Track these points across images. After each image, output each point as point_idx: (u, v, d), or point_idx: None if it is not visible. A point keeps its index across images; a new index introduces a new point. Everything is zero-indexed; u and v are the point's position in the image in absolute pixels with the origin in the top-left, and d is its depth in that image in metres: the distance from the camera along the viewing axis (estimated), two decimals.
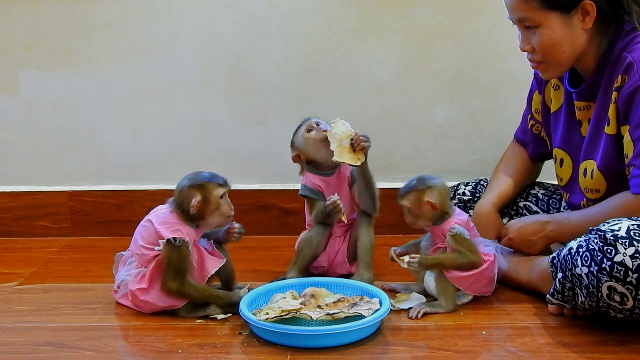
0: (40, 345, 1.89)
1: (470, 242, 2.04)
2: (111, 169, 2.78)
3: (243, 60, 2.71)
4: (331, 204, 2.16)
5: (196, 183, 2.02)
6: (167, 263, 1.98)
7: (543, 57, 1.99)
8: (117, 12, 2.68)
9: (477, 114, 2.73)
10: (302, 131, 2.23)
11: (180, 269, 1.98)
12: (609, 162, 1.97)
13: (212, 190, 2.02)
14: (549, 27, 1.93)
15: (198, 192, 2.01)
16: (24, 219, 2.78)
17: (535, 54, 1.99)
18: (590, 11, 1.92)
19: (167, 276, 1.99)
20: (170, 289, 1.99)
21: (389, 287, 2.18)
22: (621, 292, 1.74)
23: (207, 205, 2.01)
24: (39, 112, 2.74)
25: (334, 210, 2.17)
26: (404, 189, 2.09)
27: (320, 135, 2.19)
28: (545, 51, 1.97)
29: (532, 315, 2.01)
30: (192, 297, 2.01)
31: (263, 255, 2.52)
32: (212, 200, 2.01)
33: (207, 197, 2.01)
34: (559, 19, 1.93)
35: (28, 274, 2.39)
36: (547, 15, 1.92)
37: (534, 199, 2.35)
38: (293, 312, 1.91)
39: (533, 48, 1.98)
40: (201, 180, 2.02)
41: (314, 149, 2.22)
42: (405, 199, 2.08)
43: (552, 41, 1.94)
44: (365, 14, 2.67)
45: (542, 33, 1.94)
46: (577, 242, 1.84)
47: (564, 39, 1.94)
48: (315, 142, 2.21)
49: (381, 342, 1.88)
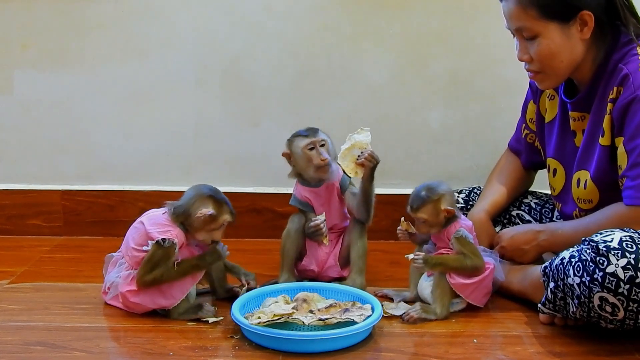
0: (31, 345, 1.88)
1: (474, 246, 2.05)
2: (105, 169, 2.77)
3: (238, 62, 2.71)
4: (313, 226, 2.19)
5: (217, 198, 2.04)
6: (147, 259, 1.99)
7: (541, 67, 1.99)
8: (113, 13, 2.67)
9: (472, 119, 2.73)
10: (304, 143, 2.19)
11: (158, 266, 1.99)
12: (603, 173, 1.98)
13: (223, 214, 2.03)
14: (548, 36, 1.94)
15: (214, 207, 2.02)
16: (17, 217, 2.77)
17: (533, 63, 1.99)
18: (589, 21, 1.92)
19: (143, 271, 2.00)
20: (145, 282, 2.00)
21: (382, 293, 2.18)
22: (612, 302, 1.74)
23: (212, 222, 2.02)
24: (33, 111, 2.74)
25: (315, 232, 2.19)
26: (417, 202, 2.06)
27: (316, 160, 2.18)
28: (544, 61, 1.97)
29: (524, 324, 2.01)
30: (170, 277, 2.00)
31: (255, 258, 2.51)
32: (218, 220, 2.03)
33: (218, 215, 2.02)
34: (557, 29, 1.93)
35: (19, 273, 2.38)
36: (545, 25, 1.93)
37: (527, 208, 2.36)
38: (285, 317, 1.91)
39: (531, 58, 1.98)
40: (222, 199, 2.04)
41: (305, 166, 2.21)
42: (421, 212, 2.05)
43: (551, 51, 1.95)
44: (361, 18, 2.68)
45: (541, 43, 1.94)
46: (570, 252, 1.84)
47: (562, 49, 1.95)
48: (309, 163, 2.19)
49: (373, 348, 1.88)
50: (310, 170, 2.20)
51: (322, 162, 2.17)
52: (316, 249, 2.26)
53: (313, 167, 2.19)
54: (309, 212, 2.25)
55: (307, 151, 2.19)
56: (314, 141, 2.19)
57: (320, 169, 2.18)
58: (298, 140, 2.21)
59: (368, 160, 2.13)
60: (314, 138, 2.19)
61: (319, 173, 2.19)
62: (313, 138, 2.19)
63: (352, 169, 2.15)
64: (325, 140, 2.20)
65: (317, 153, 2.18)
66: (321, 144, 2.19)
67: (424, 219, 2.06)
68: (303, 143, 2.19)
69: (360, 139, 2.15)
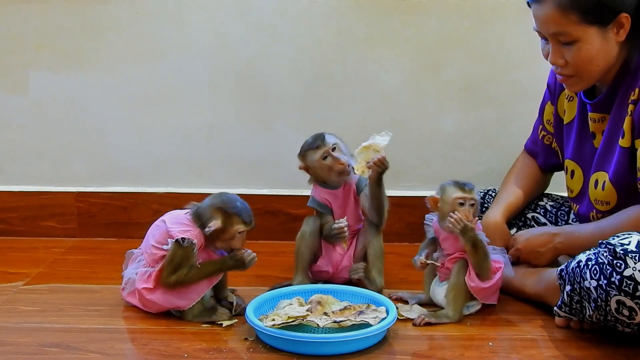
0: (45, 346, 1.89)
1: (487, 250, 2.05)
2: (118, 170, 2.78)
3: (252, 66, 2.71)
4: (338, 229, 2.19)
5: (226, 209, 2.02)
6: (169, 260, 2.00)
7: (575, 72, 1.96)
8: (128, 15, 2.68)
9: (486, 124, 2.72)
10: (318, 156, 2.19)
11: (180, 268, 1.99)
12: (621, 175, 1.97)
13: (235, 224, 2.02)
14: (588, 41, 1.90)
15: (222, 218, 2.01)
16: (31, 218, 2.77)
17: (567, 67, 1.96)
18: (625, 24, 1.90)
19: (166, 272, 2.00)
20: (169, 283, 2.00)
21: (396, 296, 2.17)
22: (630, 306, 1.73)
23: (223, 233, 2.02)
24: (47, 112, 2.74)
25: (338, 235, 2.20)
26: (470, 185, 2.08)
27: (336, 167, 2.18)
28: (581, 66, 1.94)
29: (539, 328, 2.00)
30: (192, 280, 2.00)
31: (269, 260, 2.50)
32: (229, 231, 2.02)
33: (228, 227, 2.02)
34: (597, 33, 1.90)
35: (34, 274, 2.39)
36: (585, 29, 1.89)
37: (542, 211, 2.35)
38: (299, 319, 1.90)
39: (566, 62, 1.95)
40: (232, 209, 2.03)
41: (326, 175, 2.22)
42: (474, 193, 2.07)
43: (590, 56, 1.92)
44: (375, 22, 2.67)
45: (581, 48, 1.91)
46: (586, 255, 1.83)
47: (600, 53, 1.92)
48: (331, 171, 2.20)
49: (387, 351, 1.87)
50: (332, 176, 2.21)
51: (342, 166, 2.18)
52: (332, 250, 2.26)
53: (335, 173, 2.20)
54: (326, 214, 2.26)
55: (323, 161, 2.20)
56: (326, 150, 2.19)
57: (343, 172, 2.19)
58: (310, 154, 2.21)
59: (376, 165, 2.13)
60: (324, 147, 2.19)
61: (342, 176, 2.21)
62: (324, 147, 2.19)
63: (362, 168, 2.15)
64: (336, 143, 2.21)
65: (333, 160, 2.19)
66: (333, 149, 2.19)
67: (475, 200, 2.06)
68: (317, 155, 2.20)
69: (378, 142, 2.15)
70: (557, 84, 2.18)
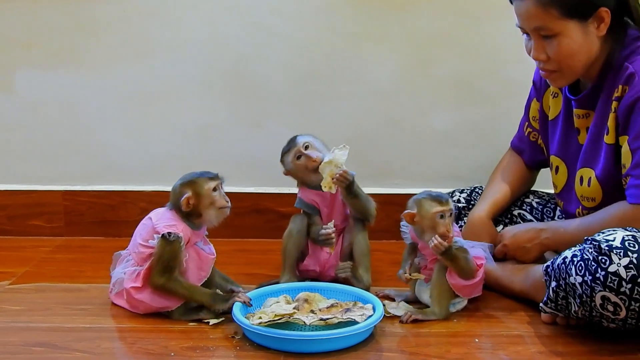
0: (32, 345, 1.88)
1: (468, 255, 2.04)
2: (106, 169, 2.77)
3: (243, 64, 2.70)
4: (325, 234, 2.19)
5: (187, 180, 2.06)
6: (157, 258, 1.99)
7: (558, 66, 1.97)
8: (119, 13, 2.66)
9: (477, 121, 2.72)
10: (291, 157, 2.21)
11: (169, 266, 1.99)
12: (608, 172, 1.97)
13: (204, 185, 2.04)
14: (568, 35, 1.91)
15: (189, 188, 2.03)
16: (18, 217, 2.76)
17: (550, 62, 1.97)
18: (606, 18, 1.91)
19: (155, 271, 2.00)
20: (157, 284, 2.00)
21: (383, 294, 2.17)
22: (614, 302, 1.74)
23: (201, 200, 2.03)
24: (35, 111, 2.73)
25: (325, 240, 2.20)
26: (445, 196, 2.04)
27: (310, 165, 2.19)
28: (563, 60, 1.95)
29: (525, 324, 2.01)
30: (178, 293, 2.00)
31: (257, 258, 2.51)
32: (204, 194, 2.04)
33: (199, 191, 2.03)
34: (577, 27, 1.91)
35: (21, 273, 2.38)
36: (565, 23, 1.90)
37: (529, 208, 2.35)
38: (286, 317, 1.90)
39: (548, 57, 1.96)
40: (191, 177, 2.06)
41: (303, 175, 2.23)
42: (450, 202, 2.04)
43: (571, 50, 1.93)
44: (366, 20, 2.67)
45: (562, 42, 1.92)
46: (572, 251, 1.84)
47: (581, 47, 1.93)
48: (306, 170, 2.20)
49: (374, 348, 1.87)
50: (311, 176, 2.21)
51: (315, 163, 2.18)
52: (319, 250, 2.26)
53: (310, 171, 2.20)
54: (314, 214, 2.25)
55: (298, 161, 2.21)
56: (297, 150, 2.20)
57: (317, 169, 2.18)
58: (286, 156, 2.24)
59: (339, 180, 2.13)
60: (296, 147, 2.21)
61: (318, 173, 2.18)
62: (295, 147, 2.21)
63: (329, 184, 2.15)
64: (308, 141, 2.21)
65: (306, 158, 2.19)
66: (305, 147, 2.20)
67: (452, 210, 2.04)
68: (290, 157, 2.22)
69: (338, 157, 2.14)
70: (543, 80, 2.18)
